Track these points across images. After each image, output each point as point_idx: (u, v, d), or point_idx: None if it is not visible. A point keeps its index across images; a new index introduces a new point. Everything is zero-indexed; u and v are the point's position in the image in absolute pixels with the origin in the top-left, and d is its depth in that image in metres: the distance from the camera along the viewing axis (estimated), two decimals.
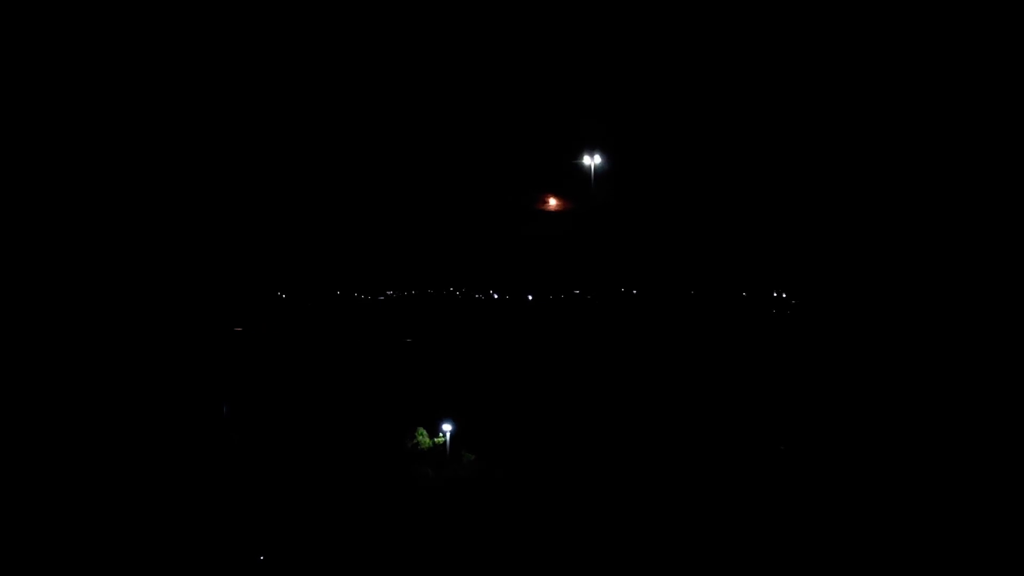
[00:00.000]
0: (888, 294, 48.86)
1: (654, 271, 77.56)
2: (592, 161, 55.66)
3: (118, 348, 58.98)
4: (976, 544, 33.15)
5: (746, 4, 51.91)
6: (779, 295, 74.80)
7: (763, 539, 35.68)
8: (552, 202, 73.36)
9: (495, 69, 64.41)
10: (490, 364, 64.78)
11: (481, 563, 35.11)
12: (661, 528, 37.19)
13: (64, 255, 58.29)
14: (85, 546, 34.78)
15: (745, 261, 70.86)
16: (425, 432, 48.39)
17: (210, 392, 53.80)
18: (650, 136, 65.44)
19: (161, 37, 58.74)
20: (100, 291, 61.19)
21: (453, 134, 71.09)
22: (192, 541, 36.26)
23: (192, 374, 58.46)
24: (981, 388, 41.81)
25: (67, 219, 58.53)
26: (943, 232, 44.35)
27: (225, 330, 71.12)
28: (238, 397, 53.78)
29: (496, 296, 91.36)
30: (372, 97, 68.76)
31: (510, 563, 35.08)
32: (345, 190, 75.93)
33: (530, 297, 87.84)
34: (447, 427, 47.46)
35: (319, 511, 39.79)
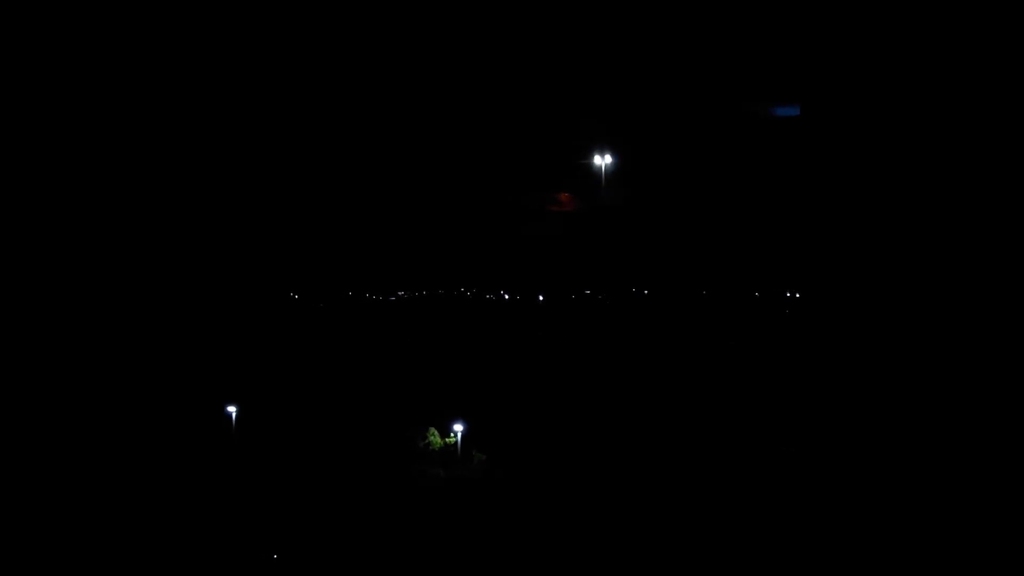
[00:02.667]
0: (903, 295, 48.47)
1: (666, 271, 77.50)
2: (603, 161, 55.49)
3: (131, 348, 59.59)
4: (988, 547, 32.91)
5: (753, 3, 51.76)
6: (792, 295, 74.55)
7: (769, 542, 35.58)
8: (563, 203, 73.40)
9: (505, 70, 64.50)
10: (501, 364, 64.93)
11: (491, 563, 35.23)
12: (674, 530, 37.17)
13: (74, 256, 58.76)
14: (94, 547, 35.12)
15: (757, 261, 70.66)
16: (436, 432, 48.54)
17: (224, 392, 54.17)
18: (661, 136, 65.35)
19: (176, 41, 59.16)
20: (114, 292, 61.81)
21: (465, 137, 71.28)
22: (201, 540, 36.58)
23: (206, 373, 59.02)
24: (1000, 389, 41.31)
25: (78, 221, 59.02)
26: (959, 231, 43.94)
27: (239, 329, 71.66)
28: (252, 397, 54.15)
29: (507, 296, 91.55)
30: (386, 101, 69.04)
31: (521, 563, 35.17)
32: (356, 193, 76.29)
33: (541, 297, 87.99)
34: (458, 427, 47.62)
35: (330, 510, 40.04)
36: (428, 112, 69.55)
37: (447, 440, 48.05)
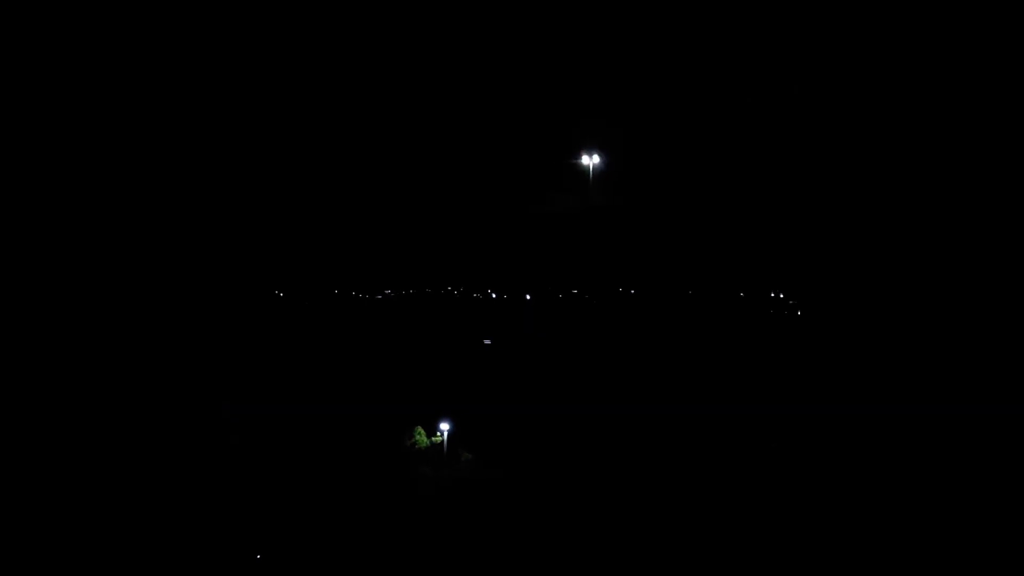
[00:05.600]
0: (891, 296, 48.80)
1: (652, 271, 77.59)
2: (591, 162, 55.57)
3: (115, 349, 58.79)
4: (980, 545, 33.11)
5: (750, 3, 51.93)
6: (777, 296, 74.87)
7: (764, 540, 35.67)
8: (550, 202, 73.33)
9: (494, 68, 64.40)
10: (488, 363, 64.72)
11: (479, 562, 35.07)
12: (661, 528, 37.18)
13: (64, 255, 58.13)
14: (85, 547, 34.66)
15: (743, 262, 70.89)
16: (423, 431, 48.31)
17: (207, 393, 53.61)
18: (649, 137, 65.44)
19: (158, 36, 58.64)
20: (97, 291, 61.03)
21: (451, 134, 71.08)
22: (190, 541, 36.17)
23: (189, 375, 58.31)
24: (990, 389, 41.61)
25: (67, 220, 58.39)
26: (948, 232, 44.22)
27: (222, 329, 70.91)
28: (236, 397, 53.63)
29: (494, 295, 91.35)
30: (374, 97, 68.74)
31: (508, 563, 35.03)
32: (342, 189, 75.94)
33: (528, 296, 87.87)
34: (445, 426, 47.40)
35: (317, 511, 39.73)
36: (420, 110, 69.36)
37: (433, 439, 47.82)
